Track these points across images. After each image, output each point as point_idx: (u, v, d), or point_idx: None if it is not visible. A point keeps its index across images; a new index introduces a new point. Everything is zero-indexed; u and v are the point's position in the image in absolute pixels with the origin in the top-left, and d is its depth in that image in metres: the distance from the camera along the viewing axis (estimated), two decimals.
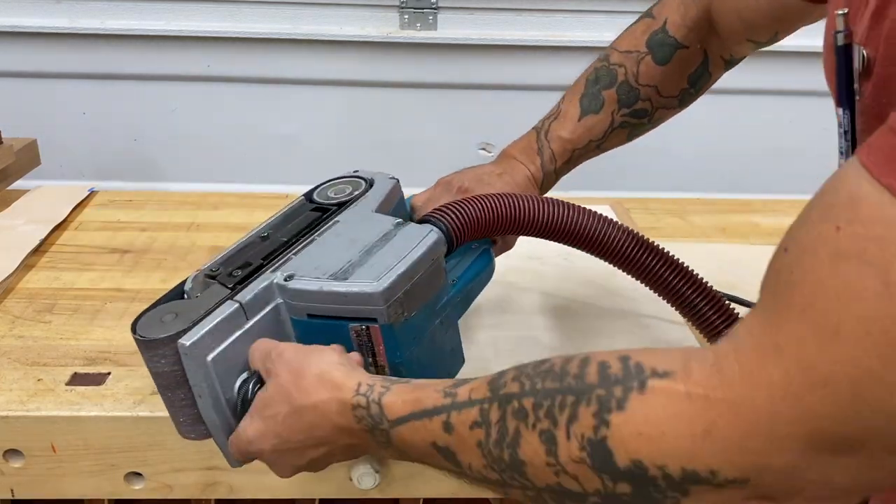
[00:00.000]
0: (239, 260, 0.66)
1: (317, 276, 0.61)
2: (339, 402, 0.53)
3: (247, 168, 1.88)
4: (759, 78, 1.84)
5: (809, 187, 0.44)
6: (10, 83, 1.77)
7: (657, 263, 0.72)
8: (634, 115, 0.80)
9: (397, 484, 0.76)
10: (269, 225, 0.72)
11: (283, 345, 0.59)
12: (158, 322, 0.60)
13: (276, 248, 0.68)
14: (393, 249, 0.64)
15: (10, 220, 1.11)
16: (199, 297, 0.62)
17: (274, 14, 1.73)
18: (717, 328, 0.69)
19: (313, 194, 0.77)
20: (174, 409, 0.63)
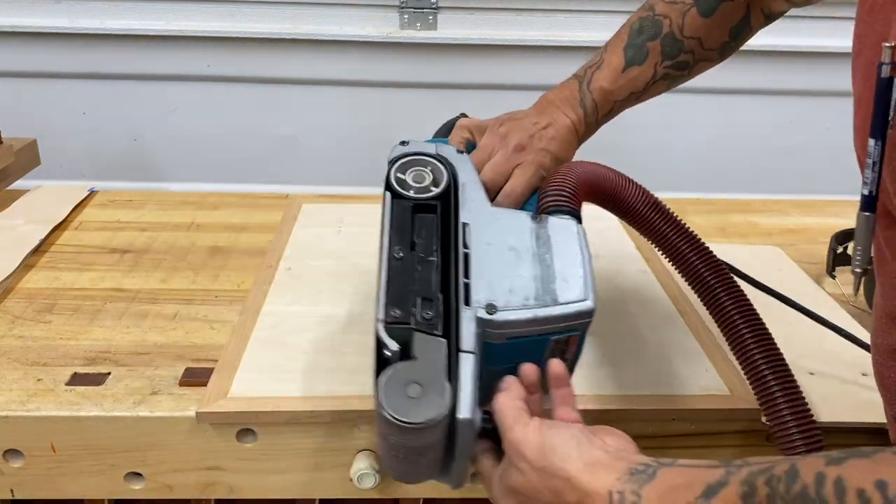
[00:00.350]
0: (408, 297, 0.61)
1: (521, 303, 0.60)
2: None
3: (247, 168, 1.88)
4: (759, 78, 1.84)
5: (809, 187, 0.44)
6: (10, 83, 1.77)
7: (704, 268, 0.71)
8: (676, 68, 0.79)
9: (397, 484, 0.76)
10: (391, 241, 0.65)
11: (512, 428, 0.55)
12: (406, 398, 0.54)
13: (437, 273, 0.63)
14: (563, 254, 0.63)
15: (10, 220, 1.11)
16: (420, 358, 0.56)
17: (274, 14, 1.73)
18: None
19: (396, 188, 0.70)
20: (410, 466, 0.59)
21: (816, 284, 0.99)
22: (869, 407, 0.75)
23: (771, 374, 0.65)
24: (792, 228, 1.18)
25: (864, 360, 0.83)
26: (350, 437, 0.73)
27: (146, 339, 0.84)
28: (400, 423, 0.53)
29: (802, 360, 0.81)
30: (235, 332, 0.84)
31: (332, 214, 1.15)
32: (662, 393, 0.76)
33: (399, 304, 0.59)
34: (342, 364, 0.79)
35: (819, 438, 0.62)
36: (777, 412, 0.63)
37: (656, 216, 0.72)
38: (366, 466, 0.73)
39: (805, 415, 0.63)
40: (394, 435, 0.54)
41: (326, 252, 1.03)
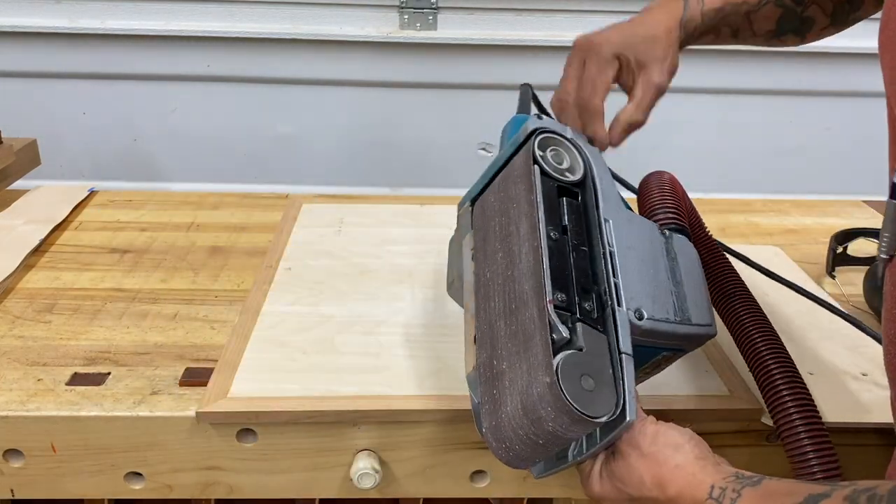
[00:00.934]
0: (568, 282, 0.59)
1: (664, 315, 0.60)
2: (691, 499, 0.53)
3: (247, 168, 1.88)
4: (759, 78, 1.84)
5: (809, 187, 0.44)
6: (10, 83, 1.77)
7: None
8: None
9: (397, 484, 0.76)
10: (545, 216, 0.62)
11: (638, 418, 0.57)
12: (581, 389, 0.54)
13: (589, 262, 0.62)
14: (689, 276, 0.65)
15: (10, 220, 1.11)
16: (587, 350, 0.56)
17: (274, 14, 1.73)
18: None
19: (541, 162, 0.65)
20: (538, 452, 0.57)
21: (816, 284, 0.99)
22: (869, 407, 0.75)
23: (779, 373, 0.65)
24: (792, 228, 1.18)
25: (864, 360, 0.83)
26: (350, 437, 0.73)
27: (146, 339, 0.84)
28: (577, 412, 0.52)
29: (802, 360, 0.81)
30: (235, 332, 0.84)
31: (332, 214, 1.15)
32: (662, 393, 0.76)
33: (562, 289, 0.58)
34: (342, 364, 0.79)
35: (827, 438, 0.62)
36: (785, 412, 0.63)
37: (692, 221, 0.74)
38: (366, 466, 0.73)
39: (813, 415, 0.63)
40: (559, 423, 0.53)
41: (326, 252, 1.03)
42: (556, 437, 0.54)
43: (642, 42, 0.70)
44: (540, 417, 0.53)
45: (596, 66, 0.69)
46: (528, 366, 0.55)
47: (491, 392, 0.59)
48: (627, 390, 0.55)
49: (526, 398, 0.55)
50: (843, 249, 1.03)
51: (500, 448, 0.57)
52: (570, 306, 0.58)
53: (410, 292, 0.93)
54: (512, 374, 0.57)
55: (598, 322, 0.58)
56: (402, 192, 1.83)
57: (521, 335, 0.58)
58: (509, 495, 0.78)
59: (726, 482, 0.52)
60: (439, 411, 0.73)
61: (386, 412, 0.73)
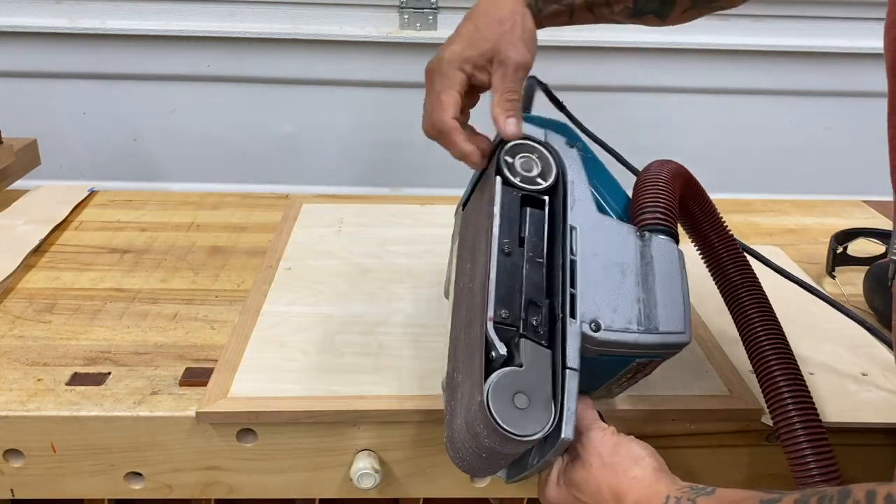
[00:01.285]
0: (515, 297, 0.59)
1: (625, 326, 0.59)
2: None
3: (247, 168, 1.88)
4: (759, 78, 1.84)
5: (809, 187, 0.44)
6: (10, 83, 1.77)
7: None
8: None
9: (397, 484, 0.76)
10: (500, 233, 0.62)
11: (592, 428, 0.59)
12: (513, 407, 0.54)
13: (544, 276, 0.62)
14: (665, 279, 0.62)
15: (10, 220, 1.11)
16: (526, 366, 0.56)
17: (274, 14, 1.73)
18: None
19: (505, 173, 0.65)
20: (487, 465, 0.58)
21: (816, 284, 0.99)
22: (869, 407, 0.75)
23: (780, 372, 0.65)
24: (792, 228, 1.18)
25: (864, 360, 0.83)
26: (350, 437, 0.73)
27: (146, 339, 0.84)
28: (505, 433, 0.53)
29: (802, 360, 0.81)
30: (235, 332, 0.84)
31: (332, 214, 1.15)
32: (662, 393, 0.76)
33: (507, 305, 0.58)
34: (342, 364, 0.79)
35: (825, 440, 0.62)
36: (784, 411, 0.63)
37: (709, 220, 0.72)
38: (366, 466, 0.73)
39: (812, 417, 0.63)
40: (492, 440, 0.54)
41: (326, 252, 1.03)
42: (494, 452, 0.55)
43: (487, 29, 0.66)
44: (477, 434, 0.55)
45: (439, 84, 0.66)
46: (471, 383, 0.56)
47: (450, 403, 0.60)
48: (566, 407, 0.55)
49: (467, 414, 0.56)
50: (843, 249, 1.03)
51: (455, 457, 0.59)
52: (514, 322, 0.58)
53: (410, 292, 0.93)
54: (462, 388, 0.58)
55: (545, 337, 0.58)
56: (402, 192, 1.83)
57: (470, 350, 0.59)
58: (509, 495, 0.78)
59: (681, 492, 0.53)
60: (439, 411, 0.72)
61: (386, 412, 0.73)
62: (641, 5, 0.70)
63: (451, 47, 0.66)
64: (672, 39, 1.75)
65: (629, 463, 0.56)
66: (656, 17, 0.72)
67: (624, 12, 0.71)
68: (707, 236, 0.73)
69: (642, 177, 0.69)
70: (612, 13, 0.71)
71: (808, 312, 0.92)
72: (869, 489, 0.43)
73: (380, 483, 0.74)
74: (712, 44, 1.76)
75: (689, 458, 0.77)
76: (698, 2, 0.72)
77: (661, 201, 0.65)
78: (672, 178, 0.68)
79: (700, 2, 0.72)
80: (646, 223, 0.64)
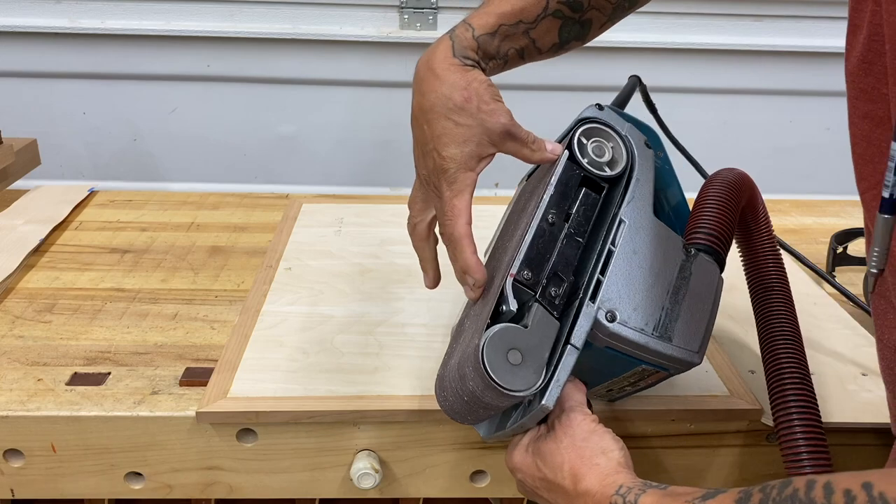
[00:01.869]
0: (543, 264, 0.60)
1: (640, 326, 0.59)
2: (600, 495, 0.55)
3: (247, 168, 1.88)
4: (759, 78, 1.84)
5: (809, 187, 0.44)
6: (10, 83, 1.77)
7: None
8: (570, 6, 0.70)
9: (397, 484, 0.76)
10: (549, 203, 0.62)
11: (575, 409, 0.60)
12: (505, 360, 0.55)
13: (578, 255, 0.62)
14: (696, 300, 0.62)
15: (10, 220, 1.11)
16: (531, 329, 0.57)
17: (274, 14, 1.73)
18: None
19: (575, 150, 0.65)
20: (468, 410, 0.59)
21: (816, 284, 1.00)
22: (869, 407, 0.75)
23: (788, 372, 0.65)
24: (792, 228, 1.18)
25: (864, 360, 0.83)
26: (350, 437, 0.73)
27: (146, 339, 0.84)
28: (490, 380, 0.54)
29: None
30: (235, 332, 0.84)
31: (332, 214, 1.15)
32: (662, 393, 0.76)
33: (532, 268, 0.59)
34: (342, 364, 0.79)
35: (824, 442, 0.62)
36: (785, 410, 0.63)
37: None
38: (366, 466, 0.73)
39: (812, 418, 0.63)
40: (476, 384, 0.55)
41: (326, 252, 1.03)
42: (475, 397, 0.56)
43: (467, 121, 0.65)
44: (464, 375, 0.56)
45: (449, 189, 0.65)
46: (475, 328, 0.58)
47: (452, 345, 0.63)
48: (556, 377, 0.56)
49: (462, 355, 0.58)
50: (843, 249, 1.03)
51: (440, 396, 0.60)
52: (533, 286, 0.59)
53: (410, 292, 0.93)
54: (466, 333, 0.61)
55: (560, 309, 0.59)
56: (402, 192, 1.83)
57: (484, 300, 0.61)
58: (509, 495, 0.78)
59: (635, 483, 0.54)
60: (439, 411, 0.72)
61: (386, 412, 0.73)
62: (565, 36, 0.72)
63: (448, 150, 0.65)
64: (672, 39, 1.75)
65: (596, 451, 0.57)
66: (577, 41, 0.73)
67: (552, 49, 0.72)
68: (752, 239, 0.74)
69: (707, 190, 0.69)
70: (540, 53, 0.72)
71: (809, 313, 0.92)
72: (809, 479, 0.44)
73: (380, 483, 0.74)
74: (712, 44, 1.76)
75: (690, 458, 0.77)
76: (614, 16, 0.73)
77: (718, 224, 0.65)
78: (736, 196, 0.68)
79: (616, 15, 0.73)
80: (696, 241, 0.65)
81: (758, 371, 0.69)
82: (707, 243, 0.65)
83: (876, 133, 0.51)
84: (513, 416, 0.62)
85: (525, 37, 0.70)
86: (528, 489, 0.62)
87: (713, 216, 0.66)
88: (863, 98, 0.52)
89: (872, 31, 0.50)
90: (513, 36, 0.69)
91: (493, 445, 0.75)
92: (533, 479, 0.60)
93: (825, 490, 0.42)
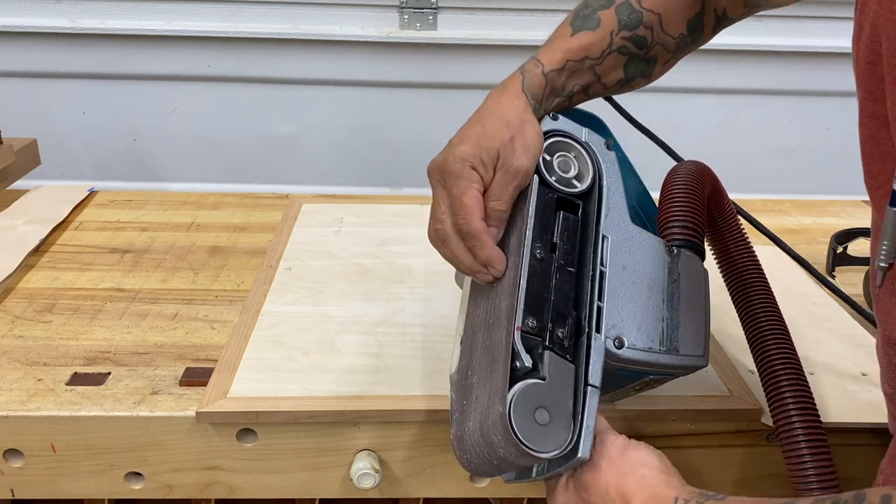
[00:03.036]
0: (543, 306, 0.58)
1: (647, 345, 0.59)
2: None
3: (247, 168, 1.89)
4: (759, 78, 1.84)
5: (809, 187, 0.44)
6: (10, 83, 1.77)
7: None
8: (634, 42, 0.72)
9: (397, 484, 0.76)
10: (534, 237, 0.60)
11: (604, 433, 0.58)
12: (533, 421, 0.53)
13: (574, 284, 0.60)
14: (690, 300, 0.62)
15: (10, 220, 1.11)
16: (550, 380, 0.55)
17: (274, 14, 1.73)
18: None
19: (542, 171, 0.64)
20: (496, 470, 0.57)
21: (816, 284, 0.99)
22: (869, 407, 0.75)
23: (783, 372, 0.65)
24: (792, 228, 1.18)
25: (863, 360, 0.83)
26: (350, 437, 0.73)
27: (146, 339, 0.84)
28: (524, 447, 0.52)
29: (802, 359, 0.81)
30: (235, 332, 0.84)
31: (332, 214, 1.15)
32: (662, 393, 0.76)
33: (535, 313, 0.57)
34: (342, 364, 0.79)
35: (825, 442, 0.62)
36: (784, 411, 0.63)
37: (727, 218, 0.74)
38: (366, 466, 0.73)
39: (812, 417, 0.63)
40: (507, 452, 0.53)
41: (326, 252, 1.03)
42: (507, 462, 0.55)
43: (494, 131, 0.65)
44: (492, 443, 0.54)
45: (457, 187, 0.63)
46: (490, 389, 0.56)
47: (461, 402, 0.59)
48: (585, 426, 0.55)
49: (483, 420, 0.55)
50: (843, 249, 1.03)
51: (462, 457, 0.58)
52: (540, 332, 0.57)
53: (410, 292, 0.93)
54: (478, 391, 0.57)
55: (570, 350, 0.58)
56: (402, 192, 1.83)
57: (491, 354, 0.58)
58: (509, 495, 0.78)
59: (691, 495, 0.53)
60: (439, 411, 0.73)
61: (386, 412, 0.73)
62: (630, 73, 0.73)
63: (460, 147, 0.65)
64: None
65: (636, 464, 0.56)
66: (643, 78, 0.74)
67: (618, 84, 0.73)
68: (721, 234, 0.74)
69: (672, 185, 0.68)
70: (605, 89, 0.73)
71: (809, 313, 0.92)
72: (885, 494, 0.42)
73: (380, 483, 0.74)
74: (712, 44, 1.74)
75: (689, 458, 0.77)
76: (678, 52, 0.74)
77: (690, 215, 0.65)
78: (701, 187, 0.68)
79: (679, 51, 0.74)
80: (674, 238, 0.65)
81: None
82: (685, 237, 0.65)
83: (883, 132, 0.51)
84: (536, 468, 0.61)
85: (591, 73, 0.71)
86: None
87: (685, 208, 0.66)
88: (870, 98, 0.52)
89: (873, 31, 0.50)
90: (578, 72, 0.71)
91: None
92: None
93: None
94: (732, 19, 0.76)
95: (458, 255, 0.63)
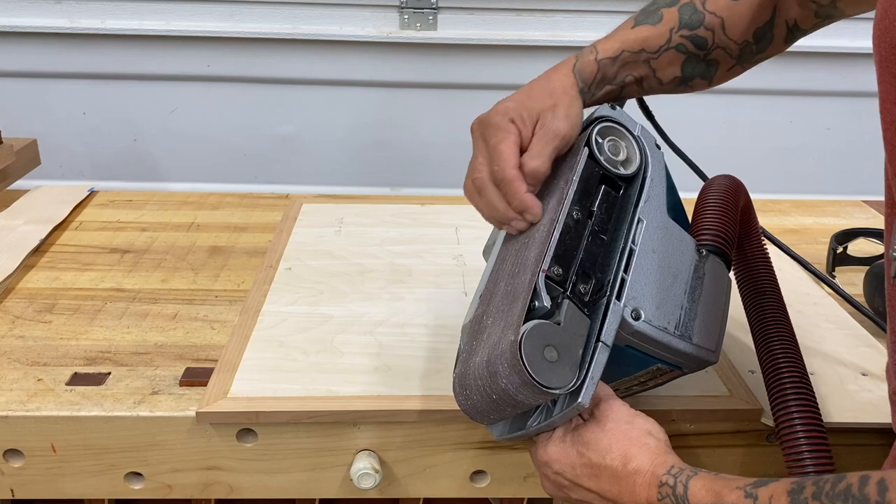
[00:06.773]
0: (571, 261, 0.60)
1: (663, 325, 0.60)
2: (651, 474, 0.56)
3: (247, 168, 1.89)
4: (759, 78, 1.84)
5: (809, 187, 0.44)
6: (10, 83, 1.77)
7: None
8: (694, 42, 0.72)
9: (397, 484, 0.76)
10: (573, 199, 0.63)
11: (612, 397, 0.61)
12: (542, 357, 0.55)
13: (604, 251, 0.63)
14: (711, 300, 0.64)
15: (10, 220, 1.11)
16: (564, 326, 0.57)
17: (274, 14, 1.73)
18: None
19: (594, 147, 0.66)
20: (494, 409, 0.59)
21: (816, 284, 0.99)
22: (869, 407, 0.75)
23: (787, 372, 0.65)
24: (792, 228, 1.18)
25: (864, 360, 0.83)
26: (350, 437, 0.73)
27: (146, 339, 0.84)
28: (529, 377, 0.54)
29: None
30: (235, 332, 0.84)
31: (332, 214, 1.15)
32: (662, 393, 0.76)
33: (562, 264, 0.59)
34: (342, 364, 0.79)
35: (825, 442, 0.62)
36: (786, 410, 0.64)
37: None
38: (366, 466, 0.73)
39: (813, 416, 0.63)
40: (510, 382, 0.55)
41: (326, 252, 1.03)
42: (507, 394, 0.56)
43: (538, 97, 0.68)
44: (496, 372, 0.56)
45: (495, 136, 0.66)
46: (505, 324, 0.58)
47: (472, 343, 0.61)
48: (591, 375, 0.56)
49: (492, 351, 0.57)
50: (843, 249, 1.03)
51: (461, 395, 0.59)
52: (563, 282, 0.59)
53: (410, 292, 0.93)
54: (492, 329, 0.59)
55: (588, 306, 0.59)
56: (402, 192, 1.83)
57: (511, 296, 0.60)
58: (509, 495, 0.78)
59: (686, 465, 0.55)
60: (439, 411, 0.73)
61: (386, 412, 0.73)
62: (688, 72, 0.73)
63: (502, 104, 0.67)
64: None
65: (643, 432, 0.58)
66: (702, 80, 0.75)
67: (673, 82, 0.74)
68: (743, 246, 0.75)
69: (708, 194, 0.70)
70: (661, 84, 0.74)
71: (809, 313, 0.92)
72: (863, 474, 0.44)
73: (380, 483, 0.74)
74: None
75: (689, 458, 0.76)
76: (743, 59, 0.74)
77: (724, 225, 0.67)
78: (735, 202, 0.70)
79: (744, 59, 0.74)
80: (706, 243, 0.66)
81: (758, 371, 0.69)
82: (716, 245, 0.67)
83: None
84: (533, 416, 0.62)
85: (646, 66, 0.72)
86: (567, 480, 0.60)
87: (719, 219, 0.68)
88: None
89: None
90: (633, 63, 0.72)
91: (493, 445, 0.75)
92: (573, 468, 0.59)
93: (879, 486, 0.43)
94: (805, 31, 0.76)
95: (493, 202, 0.65)
